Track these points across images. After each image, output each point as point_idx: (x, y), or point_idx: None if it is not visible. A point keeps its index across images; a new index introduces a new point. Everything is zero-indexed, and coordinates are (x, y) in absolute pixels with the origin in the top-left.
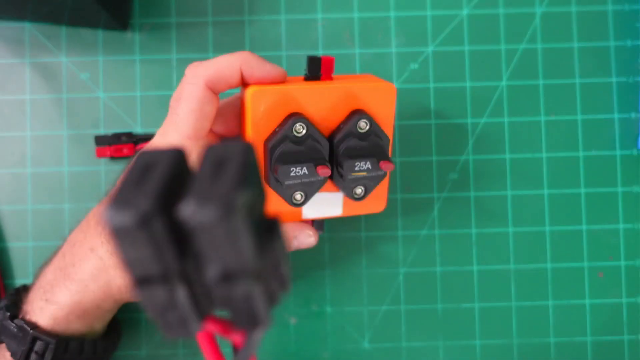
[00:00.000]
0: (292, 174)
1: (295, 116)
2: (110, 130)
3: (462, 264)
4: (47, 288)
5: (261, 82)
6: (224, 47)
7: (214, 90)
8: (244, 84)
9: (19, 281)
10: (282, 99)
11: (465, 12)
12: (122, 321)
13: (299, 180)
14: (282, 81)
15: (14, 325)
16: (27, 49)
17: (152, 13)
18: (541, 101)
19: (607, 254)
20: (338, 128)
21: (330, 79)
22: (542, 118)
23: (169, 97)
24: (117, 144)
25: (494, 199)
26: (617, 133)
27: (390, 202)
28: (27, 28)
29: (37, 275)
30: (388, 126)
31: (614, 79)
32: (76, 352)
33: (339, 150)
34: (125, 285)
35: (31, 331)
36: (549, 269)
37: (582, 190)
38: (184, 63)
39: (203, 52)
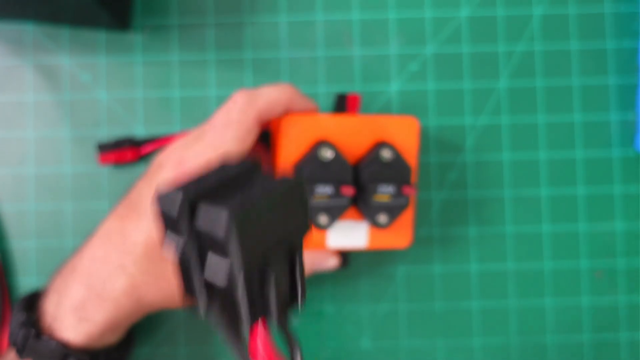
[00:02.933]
0: (317, 192)
1: (323, 142)
2: (112, 132)
3: (461, 263)
4: (79, 306)
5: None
6: (225, 49)
7: (260, 121)
8: None
9: (20, 280)
10: (312, 127)
11: (464, 13)
12: None
13: (324, 201)
14: (314, 112)
15: (42, 344)
16: (29, 51)
17: (153, 14)
18: (539, 102)
19: (605, 253)
20: (363, 158)
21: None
22: (540, 119)
23: (170, 98)
24: (120, 149)
25: (493, 199)
26: (615, 134)
27: None
28: (29, 29)
29: (52, 289)
30: (411, 157)
31: (612, 80)
32: None
33: (363, 176)
34: (156, 300)
35: (63, 348)
36: (547, 268)
37: (580, 190)
38: (185, 64)
39: (204, 53)
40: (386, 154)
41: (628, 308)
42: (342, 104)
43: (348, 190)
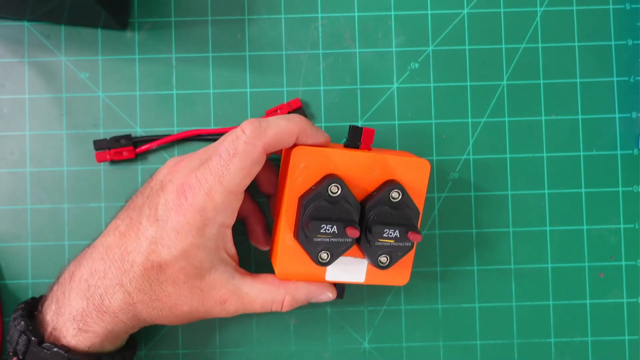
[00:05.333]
0: (322, 230)
1: (332, 177)
2: (109, 129)
3: (462, 263)
4: (78, 318)
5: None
6: (223, 46)
7: (268, 152)
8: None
9: (17, 281)
10: (322, 160)
11: (465, 11)
12: None
13: (328, 239)
14: (325, 145)
15: (45, 351)
16: (26, 48)
17: (151, 12)
18: (542, 101)
19: (607, 254)
20: (371, 195)
21: (369, 149)
22: (543, 117)
23: (168, 96)
24: (117, 147)
25: (495, 199)
26: (617, 132)
27: None
28: (27, 27)
29: (50, 297)
30: (419, 200)
31: (614, 79)
32: None
33: (369, 216)
34: (151, 317)
35: (66, 354)
36: (549, 268)
37: (583, 190)
38: (183, 62)
39: (203, 51)
40: (395, 195)
41: (629, 308)
42: (356, 136)
43: (353, 232)
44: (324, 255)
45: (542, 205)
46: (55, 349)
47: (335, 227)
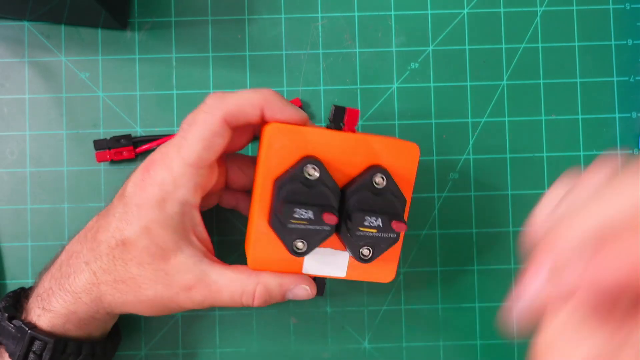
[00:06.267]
0: (296, 215)
1: (310, 158)
2: (109, 129)
3: (463, 263)
4: (44, 296)
5: (281, 122)
6: (223, 46)
7: (230, 124)
8: (264, 122)
9: (17, 281)
10: (299, 140)
11: (465, 10)
12: (122, 320)
13: (303, 226)
14: (300, 124)
15: (12, 325)
16: (26, 48)
17: (151, 12)
18: (542, 100)
19: None
20: (353, 180)
21: (353, 131)
22: (543, 117)
23: (168, 96)
24: (117, 147)
25: (495, 199)
26: (617, 132)
27: None
28: (27, 27)
29: (36, 281)
30: (407, 187)
31: (614, 78)
32: (74, 353)
33: (350, 203)
34: (116, 302)
35: (29, 331)
36: None
37: None
38: (183, 62)
39: (203, 51)
40: (379, 180)
41: None
42: (339, 117)
43: (330, 219)
44: (299, 244)
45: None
46: (21, 324)
47: (311, 212)
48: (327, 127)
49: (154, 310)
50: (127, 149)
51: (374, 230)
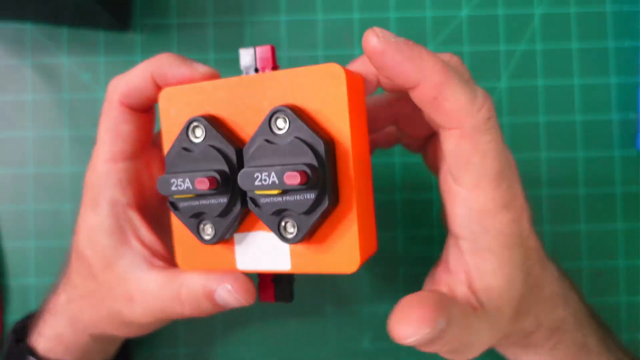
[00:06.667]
0: (173, 187)
1: (194, 117)
2: None
3: None
4: (39, 319)
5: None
6: (224, 48)
7: (132, 106)
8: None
9: (18, 281)
10: (195, 100)
11: (464, 12)
12: None
13: (195, 202)
14: (197, 80)
15: (18, 350)
16: (28, 50)
17: (153, 14)
18: (540, 102)
19: (606, 254)
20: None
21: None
22: (541, 119)
23: None
24: None
25: None
26: (616, 133)
27: (391, 202)
28: (29, 29)
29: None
30: (340, 126)
31: (612, 80)
32: None
33: (245, 160)
34: (94, 321)
35: (30, 357)
36: None
37: (581, 191)
38: None
39: (204, 52)
40: (281, 124)
41: (629, 308)
42: (248, 63)
43: (203, 183)
44: (207, 227)
45: (540, 206)
46: (23, 348)
47: (187, 180)
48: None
49: (120, 330)
50: None
51: (276, 191)
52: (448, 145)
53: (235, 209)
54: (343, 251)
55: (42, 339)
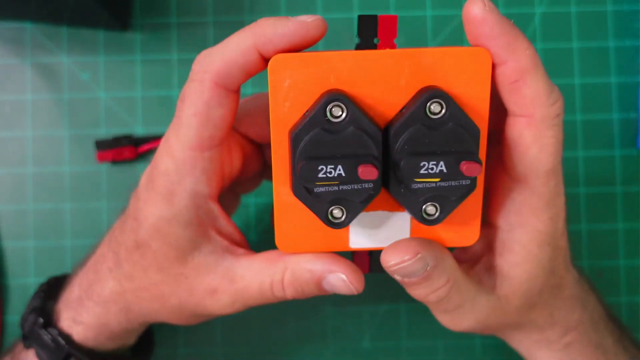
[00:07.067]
0: (320, 174)
1: (332, 93)
2: (111, 131)
3: None
4: (73, 306)
5: (287, 52)
6: None
7: (228, 87)
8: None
9: (18, 281)
10: (316, 70)
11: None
12: None
13: (335, 187)
14: (312, 43)
15: (48, 335)
16: (28, 50)
17: (153, 13)
18: None
19: (606, 253)
20: (399, 114)
21: (393, 47)
22: None
23: (170, 97)
24: (118, 147)
25: None
26: (616, 133)
27: None
28: (28, 28)
29: (73, 275)
30: (479, 113)
31: (613, 79)
32: None
33: (397, 145)
34: (148, 311)
35: (66, 346)
36: None
37: (582, 190)
38: (184, 63)
39: None
40: (436, 108)
41: (629, 308)
42: (369, 29)
43: (369, 173)
44: (336, 212)
45: None
46: (57, 336)
47: (340, 167)
48: (356, 48)
49: (185, 320)
50: (128, 149)
51: (437, 179)
52: (512, 132)
53: (375, 193)
54: (465, 226)
55: (80, 327)
